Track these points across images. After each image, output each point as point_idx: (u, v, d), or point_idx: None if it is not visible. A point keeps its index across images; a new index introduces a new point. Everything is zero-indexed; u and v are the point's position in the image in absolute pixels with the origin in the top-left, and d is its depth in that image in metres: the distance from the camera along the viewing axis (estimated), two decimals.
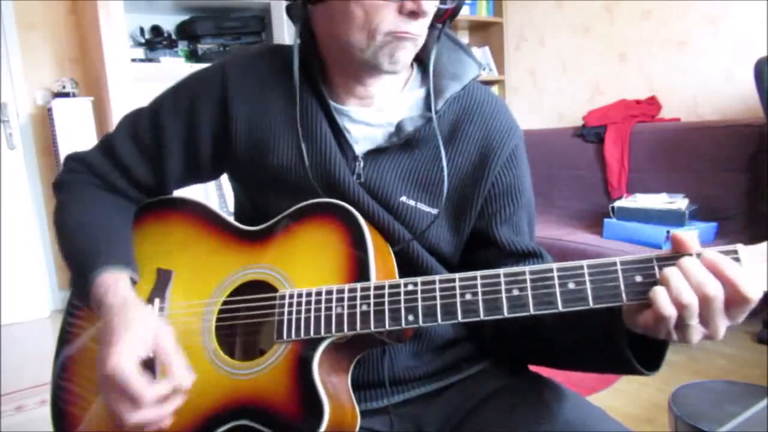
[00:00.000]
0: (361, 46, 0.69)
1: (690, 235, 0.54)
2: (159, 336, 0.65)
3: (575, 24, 3.54)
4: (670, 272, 0.53)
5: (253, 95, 0.78)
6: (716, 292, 0.51)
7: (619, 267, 0.55)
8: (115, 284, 0.70)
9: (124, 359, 0.61)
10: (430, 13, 0.69)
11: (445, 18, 0.74)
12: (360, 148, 0.77)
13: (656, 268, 0.54)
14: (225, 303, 0.74)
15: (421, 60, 0.80)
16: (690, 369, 2.09)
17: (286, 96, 0.77)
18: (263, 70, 0.79)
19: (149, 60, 3.09)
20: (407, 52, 0.71)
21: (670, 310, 0.52)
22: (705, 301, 0.51)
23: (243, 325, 0.75)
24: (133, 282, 0.74)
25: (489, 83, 4.04)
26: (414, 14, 0.67)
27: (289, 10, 0.75)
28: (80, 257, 0.74)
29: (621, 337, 0.62)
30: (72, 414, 0.79)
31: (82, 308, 0.83)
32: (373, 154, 0.76)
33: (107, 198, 0.83)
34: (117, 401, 0.62)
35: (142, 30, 3.17)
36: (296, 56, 0.74)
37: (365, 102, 0.78)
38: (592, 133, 3.09)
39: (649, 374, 0.63)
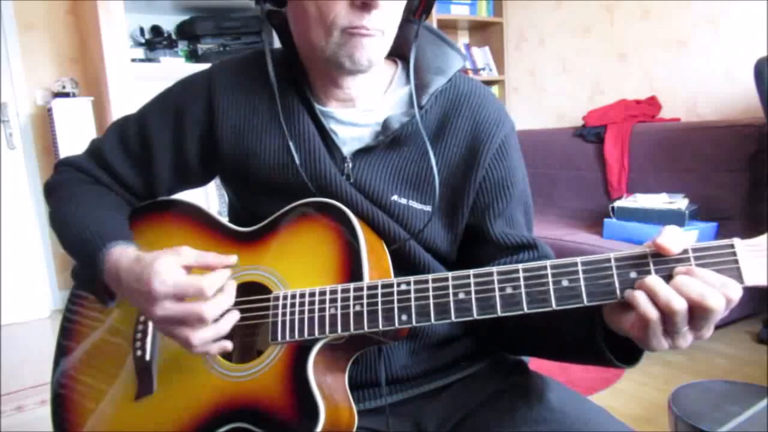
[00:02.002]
0: (321, 45, 0.69)
1: (672, 237, 0.53)
2: (186, 249, 0.67)
3: (575, 24, 3.53)
4: (660, 287, 0.52)
5: (240, 101, 0.79)
6: (717, 305, 0.50)
7: (613, 263, 0.54)
8: (127, 251, 0.70)
9: (171, 272, 0.63)
10: (383, 4, 0.67)
11: (420, 11, 0.74)
12: (348, 149, 0.77)
13: (651, 264, 0.54)
14: None
15: (404, 57, 0.79)
16: (690, 369, 2.09)
17: (272, 100, 0.77)
18: (249, 75, 0.80)
19: (149, 60, 3.08)
20: (367, 51, 0.69)
21: (654, 316, 0.52)
22: (703, 311, 0.51)
23: (238, 327, 0.74)
24: None
25: (489, 83, 4.04)
26: (366, 6, 0.65)
27: (269, 18, 0.76)
28: (85, 241, 0.74)
29: (599, 333, 0.62)
30: (72, 414, 0.79)
31: (82, 306, 0.84)
32: (362, 153, 0.76)
33: (100, 190, 0.84)
34: (179, 324, 0.63)
35: (142, 30, 3.16)
36: (269, 60, 0.74)
37: (348, 103, 0.78)
38: (592, 133, 3.09)
39: (627, 368, 0.64)
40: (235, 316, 0.66)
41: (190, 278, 0.63)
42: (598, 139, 3.04)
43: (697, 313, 0.52)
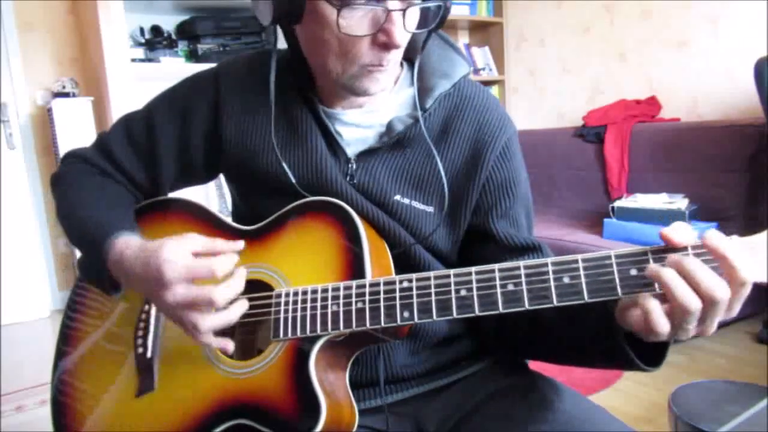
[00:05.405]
0: (337, 71, 0.70)
1: (680, 228, 0.53)
2: (193, 235, 0.67)
3: (575, 24, 3.54)
4: (672, 278, 0.51)
5: (245, 100, 0.79)
6: (724, 295, 0.50)
7: (614, 260, 0.55)
8: (130, 241, 0.71)
9: (180, 256, 0.63)
10: (403, 43, 0.68)
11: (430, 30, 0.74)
12: (352, 150, 0.77)
13: (651, 261, 0.54)
14: None
15: (410, 59, 0.80)
16: (690, 369, 2.09)
17: (276, 101, 0.77)
18: (255, 75, 0.80)
19: (149, 60, 3.08)
20: (381, 83, 0.72)
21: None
22: (712, 305, 0.51)
23: (240, 324, 0.75)
24: None
25: (489, 83, 4.04)
26: (386, 45, 0.67)
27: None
28: (90, 231, 0.74)
29: (619, 333, 0.62)
30: (73, 413, 0.79)
31: (82, 305, 0.84)
32: (366, 155, 0.76)
33: (106, 180, 0.84)
34: (188, 309, 0.63)
35: (142, 30, 3.16)
36: (273, 65, 0.75)
37: (355, 104, 0.78)
38: (592, 133, 3.09)
39: (650, 370, 0.62)
40: (243, 305, 0.67)
41: (201, 260, 0.63)
42: (598, 139, 3.05)
43: (708, 309, 0.51)
